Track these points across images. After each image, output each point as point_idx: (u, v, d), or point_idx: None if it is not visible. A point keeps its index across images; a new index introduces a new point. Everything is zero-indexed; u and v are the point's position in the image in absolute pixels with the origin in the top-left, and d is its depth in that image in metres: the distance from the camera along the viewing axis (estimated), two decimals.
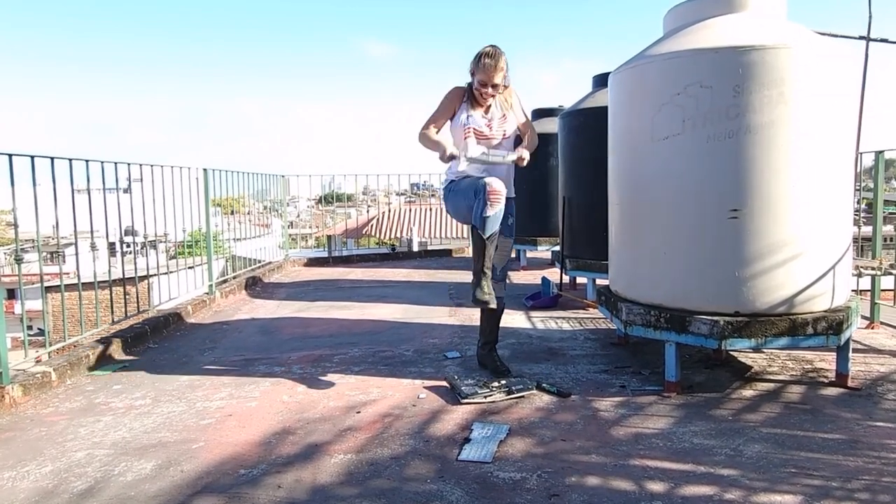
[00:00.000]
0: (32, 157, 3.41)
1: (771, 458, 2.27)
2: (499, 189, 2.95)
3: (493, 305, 3.12)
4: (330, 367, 3.60)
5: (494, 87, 3.11)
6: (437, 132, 3.18)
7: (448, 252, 9.55)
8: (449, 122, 3.23)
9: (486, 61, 3.05)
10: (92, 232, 4.02)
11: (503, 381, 3.10)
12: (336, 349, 4.00)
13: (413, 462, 2.31)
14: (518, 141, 3.28)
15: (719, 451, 2.34)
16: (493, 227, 3.00)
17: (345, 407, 2.92)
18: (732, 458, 2.29)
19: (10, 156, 3.25)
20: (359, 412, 2.84)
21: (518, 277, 7.02)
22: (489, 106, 3.20)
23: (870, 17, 3.52)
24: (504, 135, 3.22)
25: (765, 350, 3.61)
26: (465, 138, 3.12)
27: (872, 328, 4.21)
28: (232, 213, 9.17)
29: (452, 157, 3.06)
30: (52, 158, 3.58)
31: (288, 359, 3.80)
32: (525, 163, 3.13)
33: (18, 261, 3.52)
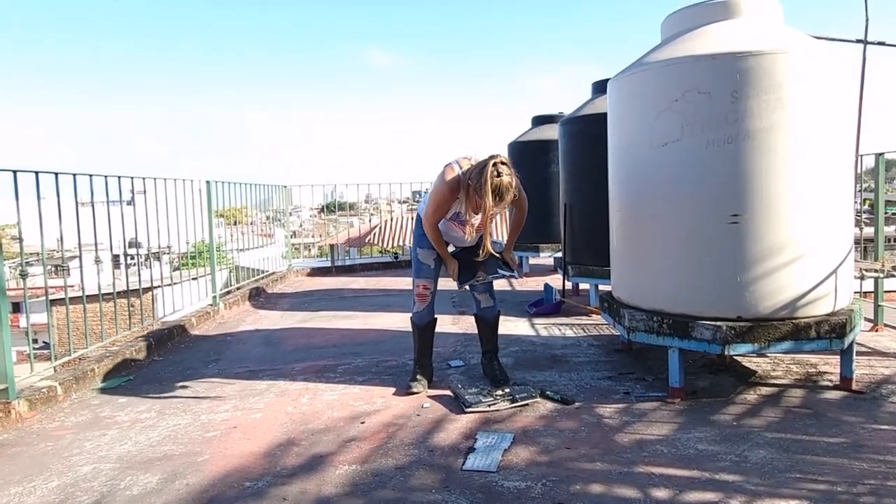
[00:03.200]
0: (37, 174, 3.44)
1: (776, 464, 2.27)
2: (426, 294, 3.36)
3: (418, 392, 3.23)
4: (334, 377, 3.61)
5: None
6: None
7: None
8: None
9: (497, 201, 2.79)
10: (96, 245, 4.03)
11: (507, 390, 3.10)
12: (340, 359, 4.01)
13: (418, 472, 2.32)
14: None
15: (724, 457, 2.34)
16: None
17: (349, 417, 2.92)
18: (737, 463, 2.29)
19: (15, 172, 3.28)
20: (363, 422, 2.85)
21: (520, 284, 7.02)
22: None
23: (867, 19, 3.53)
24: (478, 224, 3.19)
25: (768, 354, 3.60)
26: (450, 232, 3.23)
27: (876, 331, 4.19)
28: (235, 223, 9.19)
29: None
30: (56, 174, 3.60)
31: (292, 370, 3.80)
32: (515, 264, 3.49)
33: (23, 275, 3.54)
